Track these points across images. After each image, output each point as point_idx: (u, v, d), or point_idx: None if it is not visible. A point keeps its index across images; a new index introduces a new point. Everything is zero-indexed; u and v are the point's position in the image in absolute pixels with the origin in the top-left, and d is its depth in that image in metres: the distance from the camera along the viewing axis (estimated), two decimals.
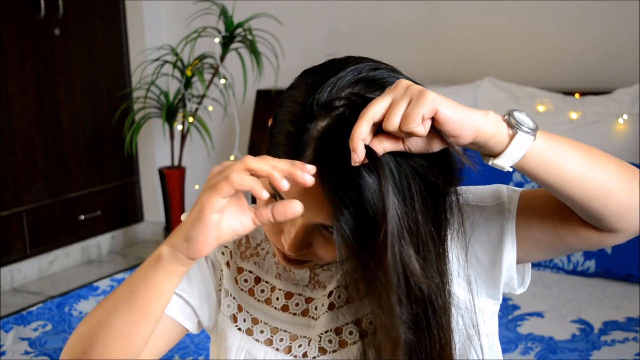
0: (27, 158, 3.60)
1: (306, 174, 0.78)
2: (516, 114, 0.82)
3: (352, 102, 0.84)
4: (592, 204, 0.85)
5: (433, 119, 0.79)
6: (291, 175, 0.78)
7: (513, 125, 0.81)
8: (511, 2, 3.23)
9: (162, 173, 3.78)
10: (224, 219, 0.81)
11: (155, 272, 0.85)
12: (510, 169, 0.83)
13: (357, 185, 0.81)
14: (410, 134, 0.78)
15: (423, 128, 0.78)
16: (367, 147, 0.81)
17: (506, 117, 0.82)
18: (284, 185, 0.78)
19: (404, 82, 0.80)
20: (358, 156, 0.79)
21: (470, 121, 0.79)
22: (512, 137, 0.81)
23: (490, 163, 0.83)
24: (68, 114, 3.77)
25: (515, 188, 0.98)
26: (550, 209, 0.93)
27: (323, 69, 0.89)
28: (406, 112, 0.78)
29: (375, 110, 0.79)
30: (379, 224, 0.81)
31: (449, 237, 0.89)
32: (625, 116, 2.68)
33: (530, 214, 0.95)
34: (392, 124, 0.78)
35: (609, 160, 0.86)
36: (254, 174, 0.79)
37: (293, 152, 0.85)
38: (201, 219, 0.80)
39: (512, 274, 0.98)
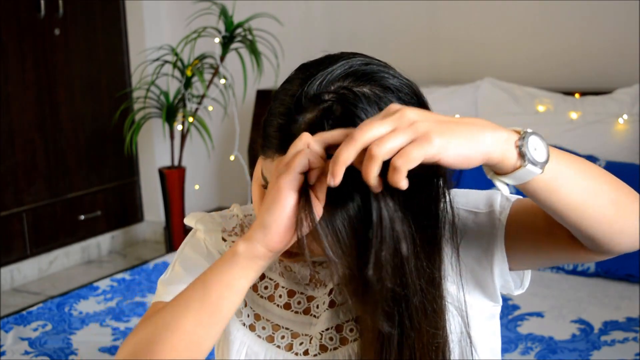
0: (27, 158, 3.60)
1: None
2: (531, 140, 0.77)
3: (340, 96, 0.84)
4: (587, 229, 0.84)
5: None
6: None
7: (523, 155, 0.76)
8: (511, 3, 3.23)
9: (162, 173, 3.78)
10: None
11: (231, 267, 0.83)
12: (508, 192, 0.80)
13: (342, 182, 0.81)
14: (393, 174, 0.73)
15: (406, 181, 0.73)
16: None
17: (519, 142, 0.76)
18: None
19: (408, 114, 0.74)
20: (334, 181, 0.74)
21: (478, 152, 0.74)
22: (517, 168, 0.76)
23: (489, 177, 0.81)
24: (68, 114, 3.77)
25: (510, 196, 0.97)
26: (539, 224, 0.92)
27: (316, 63, 0.90)
28: (405, 149, 0.72)
29: (370, 135, 0.73)
30: (364, 221, 0.81)
31: (442, 240, 0.89)
32: (625, 116, 2.68)
33: (519, 227, 0.94)
34: (382, 152, 0.72)
35: (608, 185, 0.84)
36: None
37: (281, 144, 0.86)
38: (278, 200, 0.78)
39: (507, 278, 0.98)
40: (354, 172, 0.79)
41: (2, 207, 3.49)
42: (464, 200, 0.98)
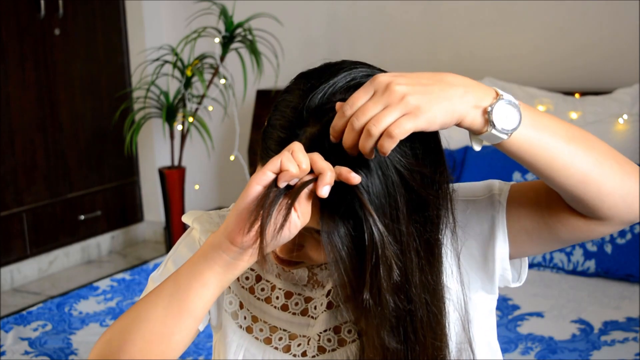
0: (27, 158, 3.60)
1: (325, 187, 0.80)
2: (500, 109, 0.80)
3: None
4: (572, 190, 0.85)
5: None
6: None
7: (489, 122, 0.80)
8: (511, 2, 3.23)
9: (162, 173, 3.78)
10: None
11: (199, 259, 0.85)
12: (479, 149, 0.84)
13: (344, 193, 0.82)
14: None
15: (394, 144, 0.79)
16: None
17: (489, 109, 0.81)
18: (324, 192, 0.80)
19: (398, 89, 0.78)
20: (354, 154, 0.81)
21: (454, 118, 0.80)
22: (484, 132, 0.81)
23: (469, 133, 0.84)
24: (68, 114, 3.77)
25: (507, 182, 0.99)
26: (537, 197, 0.93)
27: (317, 74, 0.89)
28: (400, 121, 0.78)
29: (367, 118, 0.78)
30: (365, 232, 0.82)
31: (442, 238, 0.89)
32: (625, 116, 2.68)
33: (519, 204, 0.95)
34: (379, 130, 0.78)
35: (594, 148, 0.85)
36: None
37: None
38: (244, 192, 0.81)
39: (506, 266, 0.98)
40: (349, 194, 0.80)
41: (2, 207, 3.49)
42: (462, 192, 0.99)
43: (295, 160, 0.80)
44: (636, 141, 2.65)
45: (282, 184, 0.80)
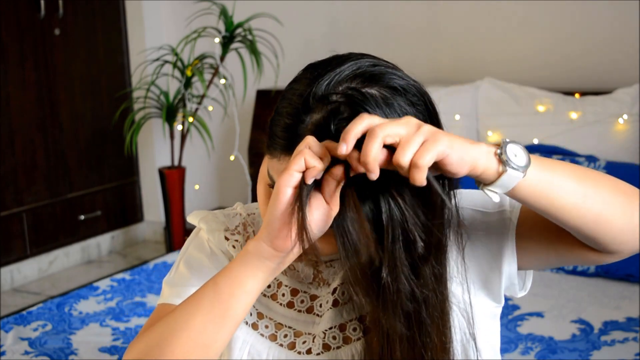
0: (27, 158, 3.60)
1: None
2: (510, 148, 0.81)
3: (348, 97, 0.84)
4: (584, 229, 0.85)
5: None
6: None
7: (503, 162, 0.80)
8: (511, 2, 3.23)
9: (162, 173, 3.78)
10: (308, 212, 0.81)
11: (240, 267, 0.85)
12: (498, 199, 0.83)
13: (350, 182, 0.82)
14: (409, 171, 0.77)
15: (424, 173, 0.77)
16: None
17: (498, 151, 0.81)
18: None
19: (414, 120, 0.79)
20: (374, 175, 0.78)
21: (469, 160, 0.79)
22: (500, 174, 0.80)
23: (480, 188, 0.84)
24: (68, 114, 3.77)
25: None
26: (549, 224, 0.93)
27: (324, 64, 0.90)
28: (421, 151, 0.76)
29: (389, 133, 0.77)
30: (373, 221, 0.82)
31: (448, 240, 0.90)
32: (625, 116, 2.68)
33: (530, 226, 0.95)
34: (405, 159, 0.76)
35: (603, 185, 0.85)
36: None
37: (288, 145, 0.87)
38: (275, 197, 0.80)
39: (514, 281, 0.99)
40: (364, 175, 0.80)
41: (2, 207, 3.49)
42: (469, 199, 0.99)
43: (317, 155, 0.81)
44: (636, 141, 2.65)
45: (310, 181, 0.81)
